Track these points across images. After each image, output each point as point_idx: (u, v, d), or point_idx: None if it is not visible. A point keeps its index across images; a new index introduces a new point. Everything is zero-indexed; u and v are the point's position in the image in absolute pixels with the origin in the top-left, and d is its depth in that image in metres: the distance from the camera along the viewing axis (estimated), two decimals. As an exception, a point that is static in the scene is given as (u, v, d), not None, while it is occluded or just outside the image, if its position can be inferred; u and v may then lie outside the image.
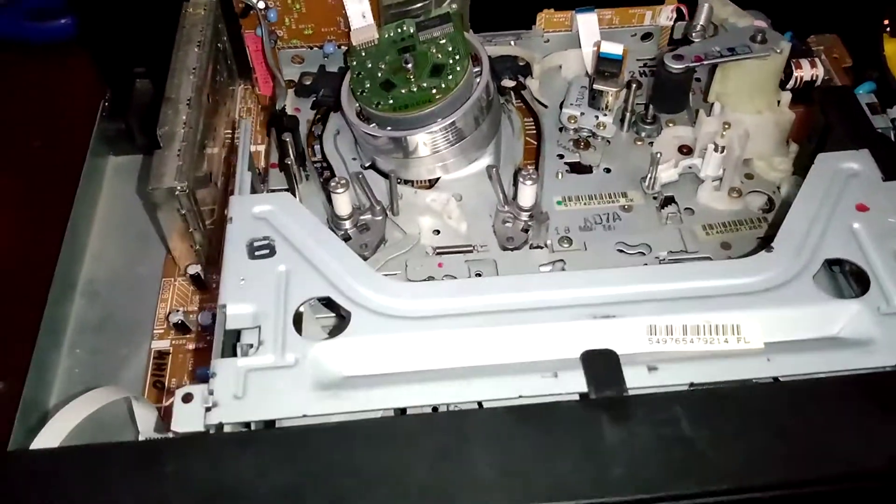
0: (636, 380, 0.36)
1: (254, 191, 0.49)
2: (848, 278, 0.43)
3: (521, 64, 0.63)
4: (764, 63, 0.52)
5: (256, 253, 0.41)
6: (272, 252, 0.41)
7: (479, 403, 0.37)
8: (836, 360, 0.37)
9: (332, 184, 0.50)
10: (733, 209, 0.54)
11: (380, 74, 0.55)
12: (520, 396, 0.36)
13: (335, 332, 0.39)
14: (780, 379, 0.37)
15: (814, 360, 0.37)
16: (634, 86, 0.57)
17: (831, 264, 0.44)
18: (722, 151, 0.53)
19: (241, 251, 0.42)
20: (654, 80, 0.53)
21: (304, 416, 0.36)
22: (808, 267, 0.41)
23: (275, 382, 0.37)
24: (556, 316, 0.39)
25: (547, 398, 0.36)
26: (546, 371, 0.37)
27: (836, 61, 0.69)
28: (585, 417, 0.35)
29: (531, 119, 0.61)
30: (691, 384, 0.37)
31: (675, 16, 0.62)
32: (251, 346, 0.38)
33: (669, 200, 0.55)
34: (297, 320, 0.40)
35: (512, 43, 0.64)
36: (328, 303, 0.40)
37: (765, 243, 0.44)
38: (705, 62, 0.51)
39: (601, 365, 0.37)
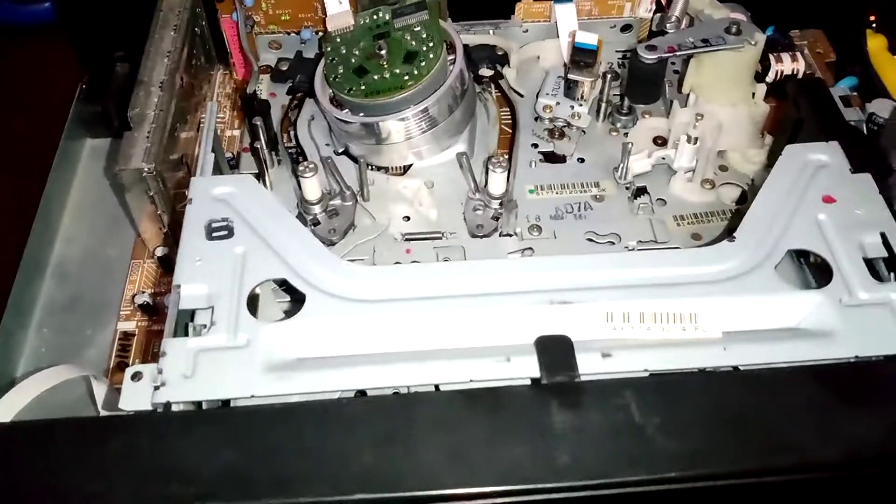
0: (589, 366, 0.36)
1: (219, 172, 0.49)
2: (813, 271, 0.42)
3: (499, 53, 0.63)
4: (738, 55, 0.51)
5: (214, 234, 0.41)
6: (230, 233, 0.41)
7: (436, 387, 0.37)
8: (795, 351, 0.37)
9: (301, 168, 0.50)
10: (705, 200, 0.54)
11: (353, 60, 0.55)
12: (471, 381, 0.36)
13: (291, 314, 0.39)
14: (737, 368, 0.36)
15: (771, 351, 0.37)
16: (610, 77, 0.57)
17: (798, 256, 0.43)
18: (695, 143, 0.53)
19: (199, 232, 0.41)
20: (628, 70, 0.52)
21: (253, 396, 0.35)
22: (770, 257, 0.40)
23: (225, 363, 0.37)
24: (512, 301, 0.39)
25: (499, 382, 0.36)
26: (500, 356, 0.36)
27: (819, 56, 0.68)
28: (535, 402, 0.34)
29: (508, 108, 0.61)
30: (645, 370, 0.36)
31: (654, 7, 0.62)
32: (204, 326, 0.38)
33: (642, 191, 0.54)
34: (252, 302, 0.39)
35: (491, 32, 0.63)
36: (285, 286, 0.40)
37: (731, 233, 0.43)
38: (678, 53, 0.50)
39: (555, 351, 0.36)
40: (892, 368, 0.36)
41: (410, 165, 0.56)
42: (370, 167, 0.55)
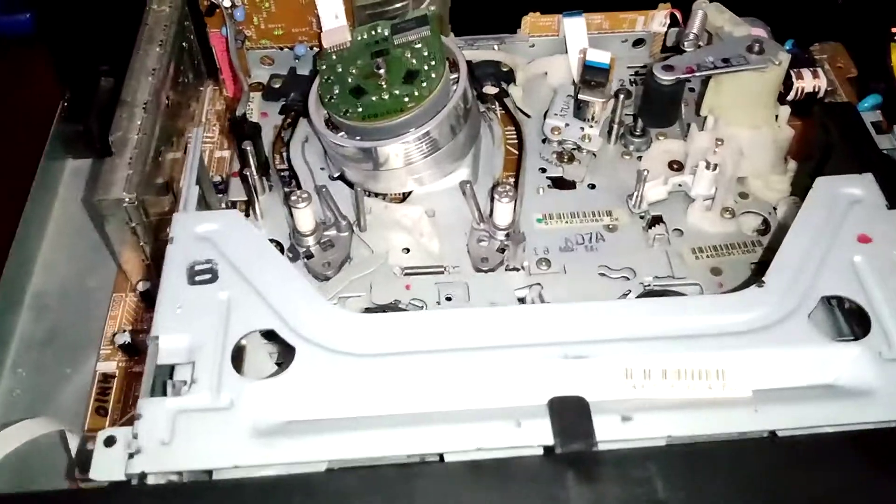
0: (608, 431, 0.33)
1: (206, 205, 0.45)
2: (848, 318, 0.39)
3: (504, 70, 0.59)
4: (761, 75, 0.48)
5: (197, 278, 0.38)
6: (214, 277, 0.38)
7: (440, 456, 0.33)
8: (832, 413, 0.33)
9: (294, 198, 0.47)
10: (725, 231, 0.50)
11: (350, 80, 0.51)
12: (478, 449, 0.32)
13: (282, 363, 0.36)
14: (768, 433, 0.33)
15: (807, 413, 0.33)
16: (622, 96, 0.53)
17: (829, 301, 0.40)
18: (714, 169, 0.49)
19: (180, 275, 0.38)
20: (642, 91, 0.49)
21: (237, 466, 0.32)
22: (802, 304, 0.37)
23: (207, 427, 0.33)
24: (523, 355, 0.35)
25: (508, 451, 0.32)
26: (509, 419, 0.33)
27: (840, 71, 0.65)
28: (548, 475, 0.31)
29: (513, 129, 0.58)
30: (669, 437, 0.33)
31: (668, 21, 0.58)
32: (184, 383, 0.35)
33: (657, 220, 0.51)
34: (237, 355, 0.36)
35: (495, 47, 0.60)
36: (273, 337, 0.37)
37: (759, 270, 0.40)
38: (697, 74, 0.47)
39: (570, 413, 0.33)
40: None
41: (410, 192, 0.53)
42: (367, 194, 0.52)
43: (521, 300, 0.47)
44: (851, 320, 0.39)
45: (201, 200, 0.44)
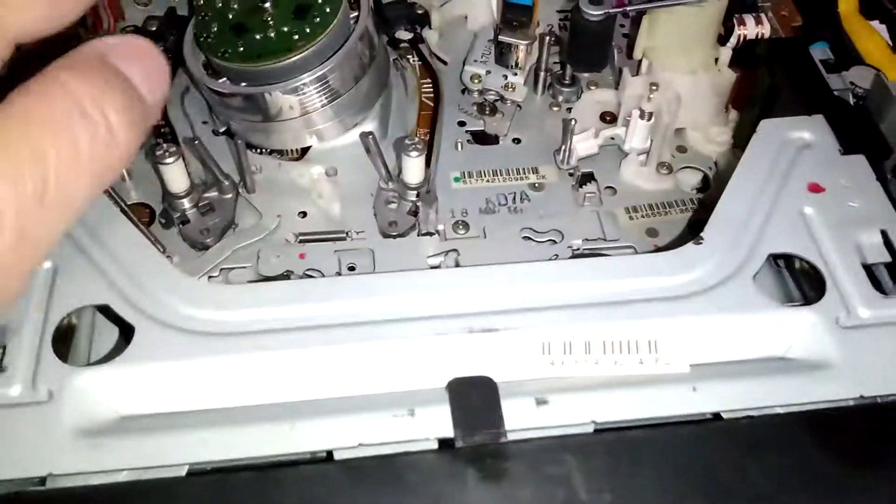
0: (520, 418, 0.27)
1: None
2: (799, 279, 0.34)
3: (418, 12, 0.53)
4: (699, 11, 0.43)
5: (16, 243, 0.30)
6: (39, 242, 0.30)
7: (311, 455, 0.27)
8: (783, 391, 0.28)
9: (159, 153, 0.39)
10: (662, 188, 0.45)
11: (230, 16, 0.44)
12: (360, 445, 0.26)
13: (114, 352, 0.29)
14: (709, 415, 0.28)
15: (754, 390, 0.28)
16: (549, 39, 0.47)
17: (777, 260, 0.35)
18: (649, 119, 0.44)
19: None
20: (569, 30, 0.43)
21: (51, 475, 0.25)
22: (746, 264, 0.32)
23: (19, 424, 0.26)
24: (418, 330, 0.29)
25: (398, 446, 0.26)
26: (400, 407, 0.27)
27: (784, 19, 0.60)
28: (444, 474, 0.25)
29: (429, 78, 0.51)
30: (592, 423, 0.27)
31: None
32: (-7, 373, 0.28)
33: (588, 178, 0.45)
34: (63, 338, 0.29)
35: (409, -14, 0.53)
36: (110, 314, 0.30)
37: (697, 229, 0.35)
38: (629, 8, 0.41)
39: (474, 398, 0.27)
40: (909, 413, 0.27)
41: (308, 148, 0.46)
42: (256, 150, 0.45)
43: (435, 268, 0.41)
44: (803, 282, 0.34)
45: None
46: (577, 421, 0.27)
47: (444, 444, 0.26)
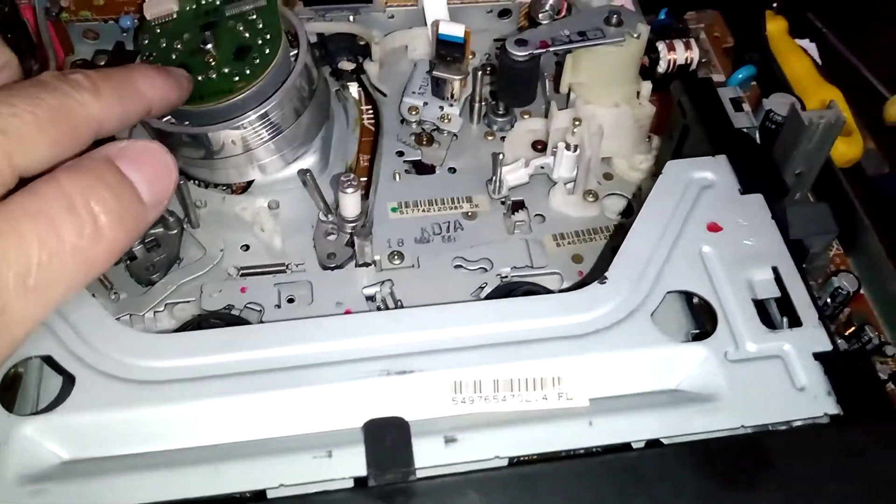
0: (429, 456, 0.29)
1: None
2: (696, 315, 0.37)
3: (360, 44, 0.54)
4: (619, 50, 0.45)
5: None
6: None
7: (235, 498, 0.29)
8: (670, 422, 0.31)
9: (103, 194, 0.41)
10: (588, 215, 0.48)
11: (174, 56, 0.46)
12: (280, 486, 0.29)
13: (59, 399, 0.31)
14: (601, 448, 0.30)
15: (645, 423, 0.31)
16: (481, 73, 0.49)
17: (687, 296, 0.38)
18: (574, 150, 0.46)
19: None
20: (498, 69, 0.45)
21: (-6, 524, 0.27)
22: (646, 302, 0.34)
23: (-36, 476, 0.28)
24: (338, 374, 0.32)
25: (316, 486, 0.29)
26: (320, 449, 0.29)
27: (717, 41, 0.63)
28: (356, 513, 0.28)
29: (371, 109, 0.53)
30: (497, 458, 0.30)
31: (534, -11, 0.54)
32: (-63, 425, 0.30)
33: (519, 206, 0.48)
34: (9, 387, 0.31)
35: (350, 19, 0.55)
36: (54, 364, 0.32)
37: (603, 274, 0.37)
38: (552, 49, 0.43)
39: (387, 438, 0.30)
40: (782, 442, 0.30)
41: (252, 182, 0.48)
42: (201, 184, 0.47)
43: (370, 298, 0.44)
44: (701, 317, 0.36)
45: None
46: (482, 457, 0.30)
47: (359, 482, 0.29)
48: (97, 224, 0.24)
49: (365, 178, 0.49)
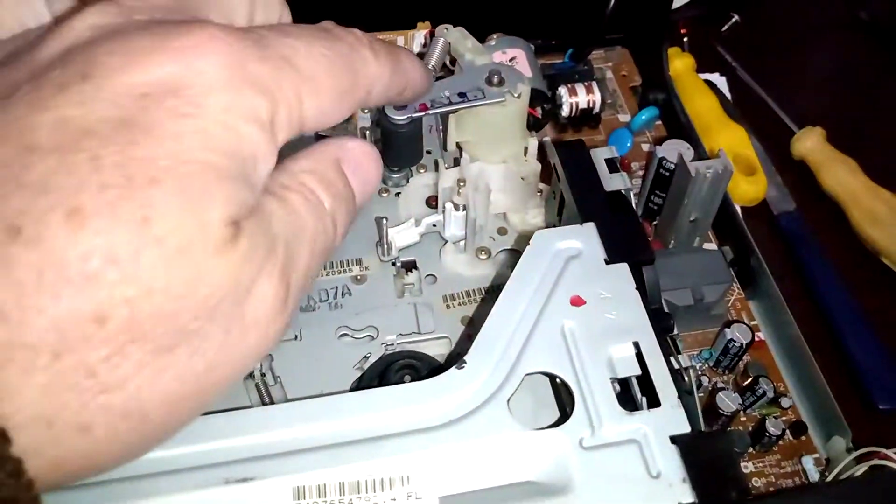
0: (266, 571, 0.29)
1: None
2: (561, 397, 0.36)
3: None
4: (500, 109, 0.44)
5: None
6: None
7: None
8: (520, 519, 0.30)
9: None
10: (482, 273, 0.47)
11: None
12: None
13: None
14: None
15: (493, 521, 0.30)
16: (369, 132, 0.48)
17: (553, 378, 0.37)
18: (462, 210, 0.45)
19: None
20: (380, 133, 0.44)
21: None
22: (504, 387, 0.33)
23: None
24: (180, 484, 0.30)
25: None
26: (152, 569, 0.28)
27: (624, 80, 0.62)
28: None
29: (264, 167, 0.52)
30: (336, 570, 0.29)
31: (429, 42, 0.54)
32: None
33: (410, 266, 0.47)
34: None
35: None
36: None
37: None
38: (431, 111, 0.43)
39: (222, 554, 0.29)
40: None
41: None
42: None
43: (249, 375, 0.43)
44: (565, 399, 0.36)
45: None
46: (322, 569, 0.29)
47: None
48: (336, 235, 0.26)
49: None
